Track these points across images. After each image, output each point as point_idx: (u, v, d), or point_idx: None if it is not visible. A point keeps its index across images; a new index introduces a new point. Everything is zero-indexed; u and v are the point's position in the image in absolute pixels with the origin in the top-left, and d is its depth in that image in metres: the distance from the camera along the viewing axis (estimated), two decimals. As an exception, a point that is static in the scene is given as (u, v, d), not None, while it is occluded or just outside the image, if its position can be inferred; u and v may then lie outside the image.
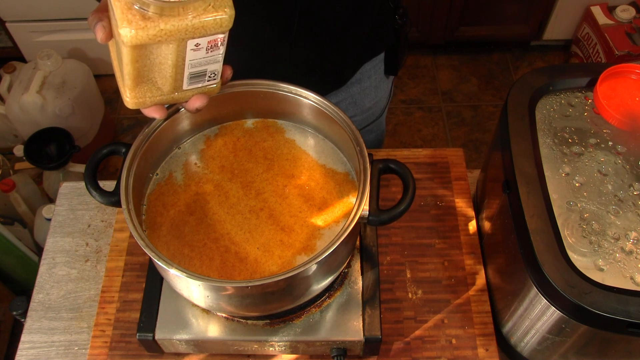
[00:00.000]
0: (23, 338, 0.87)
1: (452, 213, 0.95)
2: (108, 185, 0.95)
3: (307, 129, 0.82)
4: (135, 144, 0.73)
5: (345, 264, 0.79)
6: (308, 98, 0.76)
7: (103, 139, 2.13)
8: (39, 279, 0.93)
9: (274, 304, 0.72)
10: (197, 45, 0.54)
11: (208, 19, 0.52)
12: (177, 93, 0.59)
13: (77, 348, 0.86)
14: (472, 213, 0.95)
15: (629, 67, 0.79)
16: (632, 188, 0.71)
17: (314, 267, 0.64)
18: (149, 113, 0.60)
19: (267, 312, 0.75)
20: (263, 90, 0.78)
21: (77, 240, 0.97)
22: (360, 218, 0.67)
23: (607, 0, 2.20)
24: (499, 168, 0.78)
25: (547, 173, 0.72)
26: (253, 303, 0.70)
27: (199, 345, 0.79)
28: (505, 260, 0.80)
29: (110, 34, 0.54)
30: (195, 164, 0.79)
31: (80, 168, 1.86)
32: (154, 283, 0.80)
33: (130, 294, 0.87)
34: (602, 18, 2.16)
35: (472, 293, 0.87)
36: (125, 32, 0.50)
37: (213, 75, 0.59)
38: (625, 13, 2.15)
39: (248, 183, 0.77)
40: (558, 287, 0.63)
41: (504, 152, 0.76)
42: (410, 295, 0.87)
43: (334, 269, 0.73)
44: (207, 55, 0.56)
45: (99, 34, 0.54)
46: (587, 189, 0.72)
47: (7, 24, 2.17)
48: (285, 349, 0.80)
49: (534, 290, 0.68)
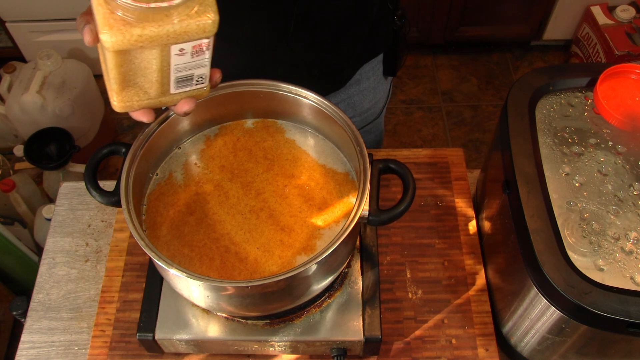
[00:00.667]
0: (23, 338, 0.87)
1: (452, 213, 0.95)
2: (108, 185, 0.95)
3: (307, 129, 0.82)
4: (135, 144, 0.73)
5: (345, 264, 0.79)
6: (308, 98, 0.76)
7: (103, 139, 2.13)
8: (39, 279, 0.93)
9: (274, 304, 0.72)
10: (181, 51, 0.53)
11: (191, 25, 0.51)
12: (164, 97, 0.58)
13: (77, 348, 0.86)
14: (472, 213, 0.95)
15: (629, 67, 0.79)
16: (632, 188, 0.71)
17: (314, 267, 0.64)
18: (137, 116, 0.59)
19: (267, 312, 0.75)
20: (263, 90, 0.78)
21: (77, 240, 0.97)
22: (360, 218, 0.67)
23: (607, 0, 2.20)
24: (499, 168, 0.78)
25: (547, 173, 0.72)
26: (253, 303, 0.70)
27: (199, 345, 0.79)
28: (505, 260, 0.80)
29: (98, 37, 0.54)
30: (195, 164, 0.80)
31: (80, 168, 1.86)
32: (154, 283, 0.80)
33: (130, 294, 0.87)
34: (602, 18, 2.16)
35: (472, 293, 0.87)
36: (106, 37, 0.50)
37: (200, 79, 0.58)
38: (625, 13, 2.15)
39: (248, 183, 0.77)
40: (558, 287, 0.63)
41: (504, 152, 0.76)
42: (410, 295, 0.87)
43: (334, 269, 0.73)
44: (192, 60, 0.55)
45: (87, 37, 0.54)
46: (587, 189, 0.72)
47: (7, 24, 2.17)
48: (285, 349, 0.80)
49: (534, 290, 0.68)
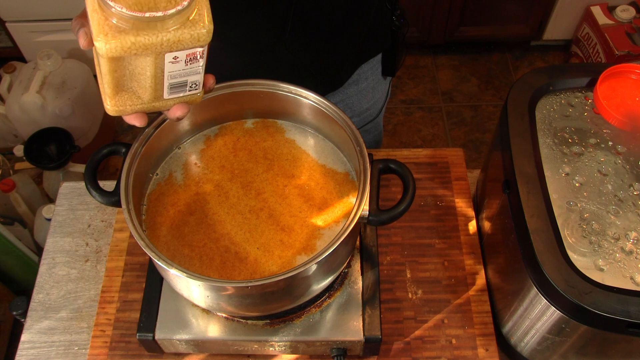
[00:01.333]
0: (23, 338, 0.87)
1: (452, 213, 0.95)
2: (108, 185, 0.95)
3: (307, 129, 0.82)
4: (135, 144, 0.73)
5: (345, 264, 0.79)
6: (308, 98, 0.76)
7: (103, 139, 2.13)
8: (39, 279, 0.93)
9: (274, 304, 0.72)
10: (175, 58, 0.54)
11: (185, 34, 0.52)
12: (157, 102, 0.59)
13: (77, 348, 0.86)
14: (472, 213, 0.95)
15: (629, 67, 0.79)
16: (632, 188, 0.71)
17: (314, 267, 0.64)
18: (130, 121, 0.59)
19: (267, 312, 0.75)
20: (263, 90, 0.78)
21: (77, 240, 0.97)
22: (360, 218, 0.67)
23: (607, 0, 2.20)
24: (499, 168, 0.78)
25: (547, 173, 0.72)
26: (253, 303, 0.70)
27: (199, 345, 0.79)
28: (505, 260, 0.80)
29: (92, 41, 0.55)
30: (195, 164, 0.80)
31: (80, 168, 1.86)
32: (154, 283, 0.80)
33: (130, 294, 0.87)
34: (602, 18, 2.16)
35: (472, 293, 0.87)
36: (101, 44, 0.50)
37: (194, 86, 0.59)
38: (625, 13, 2.15)
39: (248, 183, 0.77)
40: (558, 287, 0.63)
41: (504, 152, 0.76)
42: (410, 295, 0.87)
43: (334, 269, 0.73)
44: (186, 68, 0.56)
45: (82, 40, 0.54)
46: (587, 189, 0.72)
47: (7, 24, 2.17)
48: (285, 349, 0.80)
49: (534, 290, 0.68)
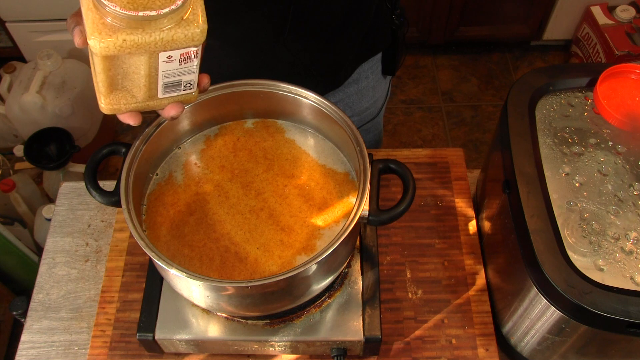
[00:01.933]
0: (23, 338, 0.87)
1: (452, 213, 0.95)
2: (108, 185, 0.95)
3: (307, 129, 0.82)
4: (135, 144, 0.73)
5: (345, 264, 0.79)
6: (308, 98, 0.76)
7: (103, 139, 2.13)
8: (39, 279, 0.93)
9: (274, 304, 0.72)
10: (169, 58, 0.54)
11: (179, 34, 0.52)
12: (152, 101, 0.59)
13: (77, 348, 0.86)
14: (472, 213, 0.95)
15: (629, 67, 0.79)
16: (632, 188, 0.71)
17: (314, 267, 0.64)
18: (125, 119, 0.60)
19: (267, 312, 0.75)
20: (263, 90, 0.78)
21: (77, 240, 0.97)
22: (360, 218, 0.67)
23: (607, 0, 2.20)
24: (499, 168, 0.78)
25: (547, 173, 0.72)
26: (253, 303, 0.70)
27: (199, 345, 0.79)
28: (505, 260, 0.80)
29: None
30: (195, 164, 0.80)
31: (80, 168, 1.86)
32: (154, 283, 0.80)
33: (130, 294, 0.87)
34: (602, 18, 2.16)
35: (472, 293, 0.87)
36: (95, 43, 0.50)
37: (189, 85, 0.59)
38: (625, 13, 2.15)
39: (248, 183, 0.77)
40: (558, 287, 0.63)
41: (504, 152, 0.76)
42: (410, 295, 0.87)
43: (334, 269, 0.73)
44: (180, 67, 0.56)
45: (77, 39, 0.54)
46: (587, 189, 0.72)
47: (7, 24, 2.17)
48: (285, 349, 0.80)
49: (534, 290, 0.68)
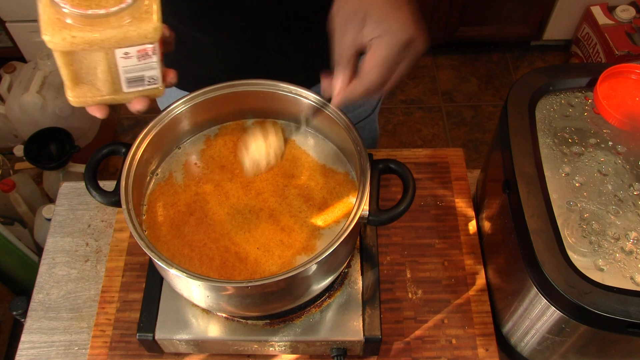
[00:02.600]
0: (23, 338, 0.87)
1: (452, 213, 0.95)
2: (108, 185, 0.95)
3: (307, 129, 0.82)
4: (135, 144, 0.73)
5: (345, 264, 0.79)
6: (308, 98, 0.76)
7: (103, 139, 2.13)
8: (39, 279, 0.93)
9: (274, 304, 0.72)
10: (126, 54, 0.56)
11: (130, 31, 0.53)
12: (117, 95, 0.60)
13: (77, 348, 0.86)
14: (472, 213, 0.95)
15: (629, 67, 0.79)
16: (632, 188, 0.71)
17: (314, 267, 0.64)
18: (92, 112, 0.62)
19: (267, 312, 0.75)
20: (263, 90, 0.78)
21: (77, 240, 0.97)
22: (360, 218, 0.67)
23: (607, 0, 2.21)
24: (499, 168, 0.78)
25: (547, 173, 0.72)
26: (253, 303, 0.70)
27: (199, 345, 0.79)
28: (505, 260, 0.80)
29: None
30: (195, 164, 0.80)
31: (80, 168, 1.86)
32: (154, 283, 0.80)
33: (130, 294, 0.87)
34: (602, 18, 2.16)
35: (472, 293, 0.87)
36: (47, 38, 0.52)
37: (152, 80, 0.60)
38: (625, 13, 2.16)
39: (248, 183, 0.77)
40: (558, 287, 0.63)
41: (504, 152, 0.76)
42: (410, 295, 0.87)
43: (334, 269, 0.73)
44: (139, 63, 0.57)
45: None
46: (587, 189, 0.72)
47: (7, 24, 2.17)
48: (285, 349, 0.80)
49: (534, 290, 0.68)
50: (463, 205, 0.95)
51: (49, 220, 1.44)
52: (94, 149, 0.74)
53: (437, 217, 0.95)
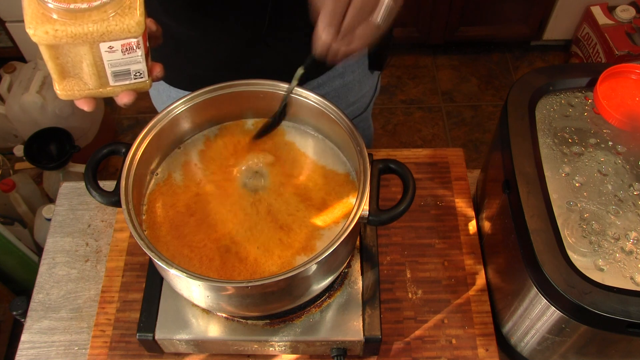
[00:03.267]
0: (23, 338, 0.87)
1: (452, 213, 0.95)
2: (108, 185, 0.95)
3: (307, 130, 0.82)
4: (135, 144, 0.73)
5: (345, 264, 0.79)
6: (308, 98, 0.76)
7: (103, 139, 2.13)
8: (39, 279, 0.93)
9: (274, 304, 0.72)
10: (110, 48, 0.57)
11: (112, 26, 0.54)
12: (104, 88, 0.61)
13: (77, 348, 0.86)
14: (472, 213, 0.95)
15: (629, 67, 0.79)
16: (632, 188, 0.71)
17: (314, 267, 0.64)
18: (80, 105, 0.63)
19: (267, 312, 0.75)
20: (263, 90, 0.78)
21: (77, 240, 0.97)
22: (360, 218, 0.67)
23: (607, 0, 2.21)
24: (499, 168, 0.78)
25: (547, 173, 0.72)
26: (253, 303, 0.70)
27: (199, 345, 0.79)
28: (505, 260, 0.80)
29: None
30: (195, 164, 0.79)
31: (80, 168, 1.86)
32: (154, 283, 0.80)
33: (130, 294, 0.87)
34: (602, 18, 2.16)
35: (472, 293, 0.87)
36: (31, 32, 0.53)
37: (139, 74, 0.61)
38: (625, 13, 2.16)
39: (247, 183, 0.77)
40: (558, 287, 0.63)
41: (504, 152, 0.76)
42: (410, 295, 0.87)
43: (334, 269, 0.73)
44: (124, 57, 0.58)
45: None
46: (587, 189, 0.72)
47: (7, 24, 2.17)
48: (285, 349, 0.80)
49: (534, 290, 0.68)
50: (463, 205, 0.95)
51: (49, 220, 1.44)
52: (94, 149, 0.74)
53: (437, 217, 0.95)
